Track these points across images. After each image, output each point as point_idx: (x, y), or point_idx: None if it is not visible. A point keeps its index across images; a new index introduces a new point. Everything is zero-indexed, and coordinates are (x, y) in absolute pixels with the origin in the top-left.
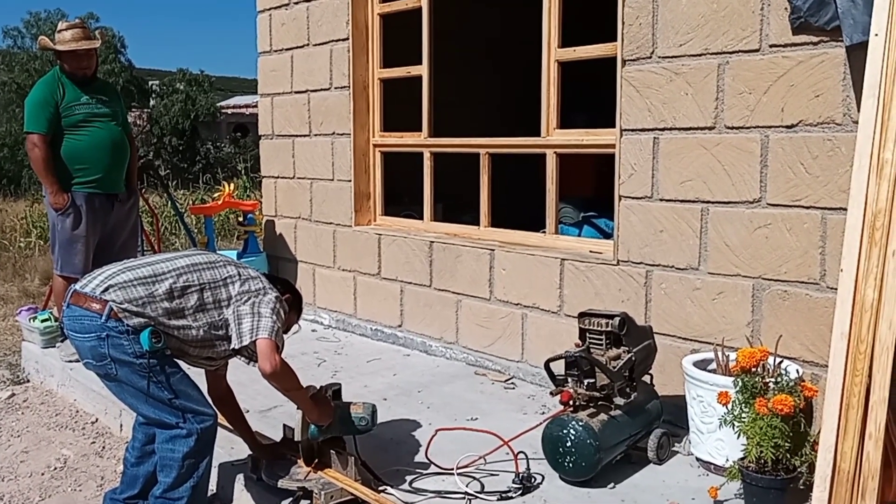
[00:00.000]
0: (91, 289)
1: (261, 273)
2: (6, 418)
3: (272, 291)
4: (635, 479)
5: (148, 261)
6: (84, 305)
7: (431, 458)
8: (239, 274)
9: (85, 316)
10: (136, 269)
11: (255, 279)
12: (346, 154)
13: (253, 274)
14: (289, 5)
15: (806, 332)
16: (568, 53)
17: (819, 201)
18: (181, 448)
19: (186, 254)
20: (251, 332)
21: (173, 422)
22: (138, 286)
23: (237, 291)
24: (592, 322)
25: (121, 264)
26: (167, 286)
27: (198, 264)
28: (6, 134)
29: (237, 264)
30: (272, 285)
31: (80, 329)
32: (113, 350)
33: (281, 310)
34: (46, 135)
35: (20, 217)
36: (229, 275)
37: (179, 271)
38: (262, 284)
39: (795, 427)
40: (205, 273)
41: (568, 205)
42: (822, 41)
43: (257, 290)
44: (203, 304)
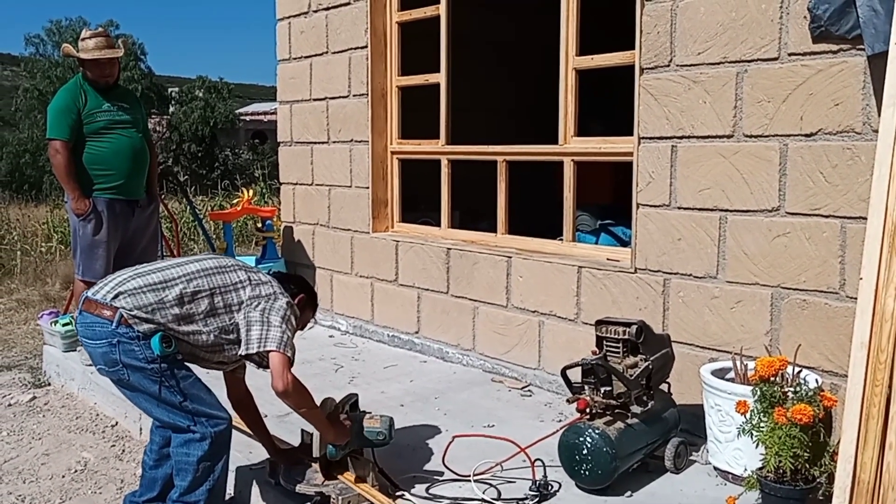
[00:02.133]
0: (102, 296)
1: (273, 274)
2: (27, 421)
3: (283, 297)
4: (652, 487)
5: (159, 266)
6: (95, 312)
7: (448, 464)
8: (249, 279)
9: (96, 322)
10: (147, 276)
11: (266, 284)
12: (364, 161)
13: (264, 279)
14: (308, 13)
15: (825, 341)
16: (586, 61)
17: (838, 210)
18: (196, 452)
19: (197, 258)
20: (259, 341)
21: (186, 425)
22: (148, 292)
23: (248, 296)
24: (610, 330)
25: (131, 270)
26: (177, 292)
27: (208, 269)
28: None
29: (248, 268)
30: (284, 288)
31: (93, 335)
32: (124, 356)
33: (292, 317)
34: (68, 141)
35: (42, 222)
36: (240, 279)
37: (189, 276)
38: (272, 289)
39: (814, 437)
40: (215, 278)
41: (585, 212)
42: (842, 50)
43: (268, 296)
44: (213, 308)
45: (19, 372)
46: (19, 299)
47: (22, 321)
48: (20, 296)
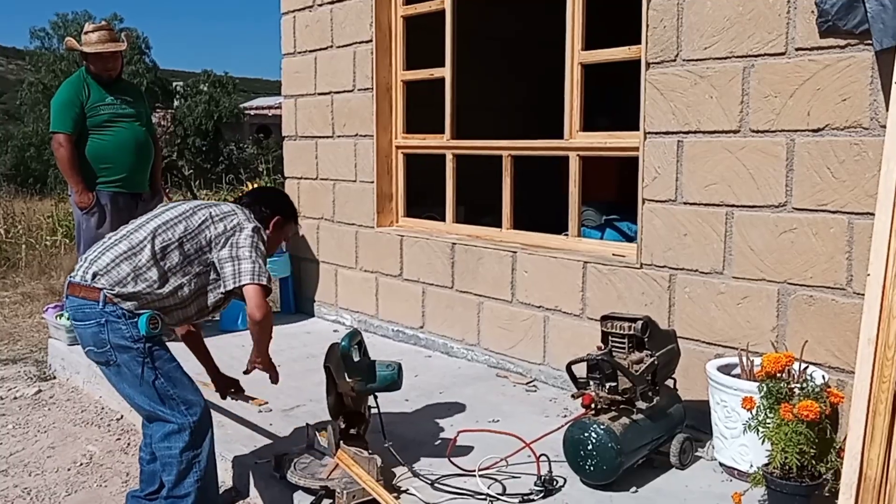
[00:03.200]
0: (81, 277)
1: (247, 195)
2: (33, 414)
3: (248, 225)
4: (657, 483)
5: (124, 233)
6: (80, 295)
7: (453, 459)
8: (212, 215)
9: (84, 305)
10: (115, 246)
11: (231, 215)
12: (368, 155)
13: (227, 210)
14: (313, 7)
15: (832, 337)
16: (591, 56)
17: (846, 206)
18: (177, 444)
19: (157, 213)
20: (233, 277)
21: (164, 414)
22: (122, 263)
23: (214, 234)
24: (615, 325)
25: (100, 245)
26: (148, 253)
27: (170, 220)
28: (32, 134)
29: (210, 205)
30: (253, 213)
31: (82, 317)
32: (112, 335)
33: (260, 243)
34: (72, 135)
35: (47, 216)
36: (203, 219)
37: (155, 233)
38: (237, 220)
39: (821, 433)
40: (178, 226)
41: (590, 208)
42: (850, 45)
43: (233, 228)
44: (186, 257)
45: (25, 365)
46: (24, 293)
47: (27, 314)
48: (25, 289)
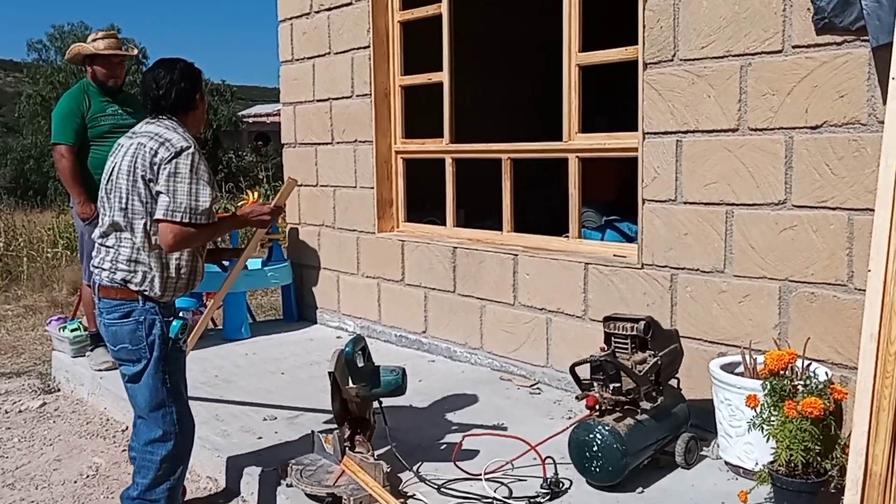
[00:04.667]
0: (109, 280)
1: (155, 115)
2: (38, 427)
3: (184, 157)
4: (663, 483)
5: (100, 224)
6: (119, 297)
7: (458, 463)
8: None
9: (123, 304)
10: (106, 238)
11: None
12: (368, 161)
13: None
14: (310, 14)
15: (834, 334)
16: (589, 57)
17: (845, 202)
18: (160, 451)
19: (105, 189)
20: (163, 210)
21: (157, 419)
22: (122, 248)
23: (162, 179)
24: (618, 326)
25: (91, 245)
26: (121, 221)
27: (116, 188)
28: (31, 146)
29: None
30: (165, 127)
31: (123, 314)
32: (149, 331)
33: (194, 170)
34: (73, 145)
35: (47, 228)
36: (132, 170)
37: (118, 206)
38: (168, 153)
39: (825, 430)
40: (121, 185)
41: (590, 209)
42: (846, 41)
43: (168, 162)
44: (144, 203)
45: (28, 378)
46: (27, 305)
47: (30, 327)
48: (27, 302)
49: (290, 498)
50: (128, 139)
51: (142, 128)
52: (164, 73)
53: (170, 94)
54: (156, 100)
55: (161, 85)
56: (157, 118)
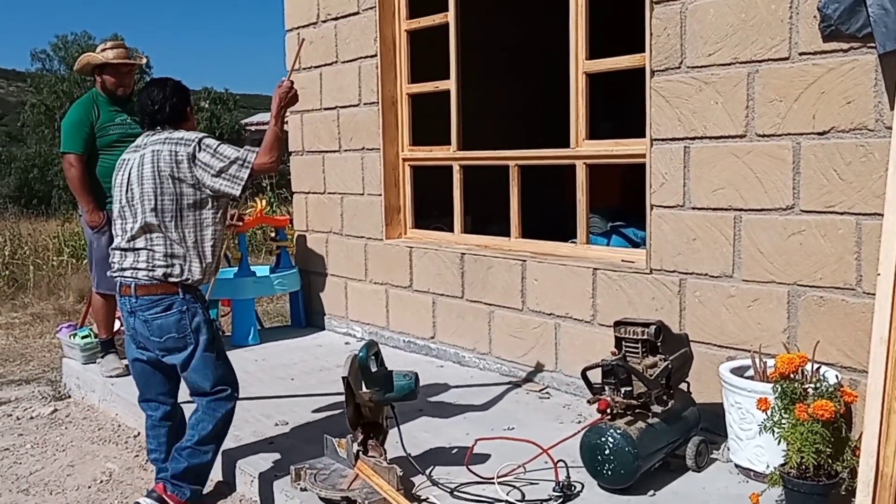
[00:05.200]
0: (148, 277)
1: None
2: (50, 433)
3: (203, 141)
4: (674, 486)
5: (127, 228)
6: (158, 292)
7: (471, 467)
8: (177, 175)
9: (164, 297)
10: (136, 239)
11: (183, 144)
12: (375, 168)
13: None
14: (317, 24)
15: (843, 337)
16: (596, 65)
17: (853, 207)
18: (222, 409)
19: (127, 200)
20: (235, 181)
21: (222, 386)
22: (157, 246)
23: (197, 174)
24: (628, 331)
25: (119, 251)
26: (153, 220)
27: (147, 194)
28: (35, 155)
29: (160, 168)
30: (178, 129)
31: (164, 307)
32: (192, 318)
33: (218, 143)
34: (82, 154)
35: (53, 236)
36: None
37: (146, 213)
38: (189, 150)
39: (836, 432)
40: (148, 188)
41: (596, 215)
42: (853, 48)
43: (197, 151)
44: (186, 207)
45: (38, 385)
46: (34, 313)
47: (37, 335)
48: (34, 310)
49: (304, 502)
50: (133, 153)
51: (145, 140)
52: (157, 91)
53: (164, 109)
54: (152, 115)
55: (155, 101)
56: (154, 130)
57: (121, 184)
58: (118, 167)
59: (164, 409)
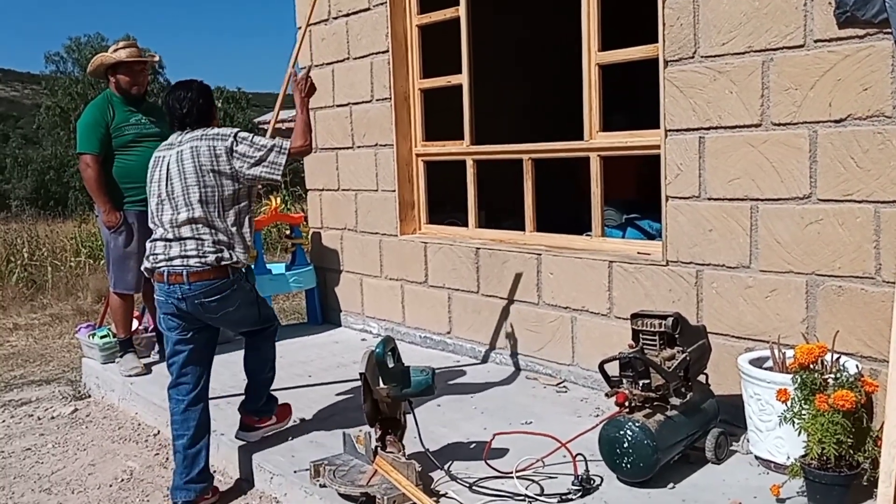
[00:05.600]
0: (200, 263)
1: (193, 126)
2: (71, 433)
3: (237, 135)
4: (694, 478)
5: (163, 224)
6: (211, 276)
7: (489, 462)
8: (217, 167)
9: (216, 281)
10: (177, 231)
11: (220, 139)
12: (389, 164)
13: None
14: (328, 21)
15: (863, 327)
16: (608, 56)
17: (871, 195)
18: (272, 343)
19: (167, 194)
20: (273, 165)
21: (269, 327)
22: (202, 237)
23: (236, 165)
24: (645, 323)
25: (162, 241)
26: (200, 212)
27: (192, 185)
28: (51, 157)
29: (201, 165)
30: (213, 125)
31: (218, 289)
32: (241, 293)
33: (252, 136)
34: (98, 155)
35: (70, 237)
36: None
37: (192, 206)
38: (226, 145)
39: (857, 423)
40: (193, 179)
41: (610, 207)
42: (869, 34)
43: (239, 145)
44: (237, 198)
45: (59, 385)
46: (52, 314)
47: (56, 335)
48: (53, 310)
49: (323, 498)
50: (168, 150)
51: (180, 138)
52: (183, 93)
53: (192, 111)
54: (181, 118)
55: (183, 105)
56: (184, 130)
57: (159, 179)
58: (153, 164)
59: (195, 392)
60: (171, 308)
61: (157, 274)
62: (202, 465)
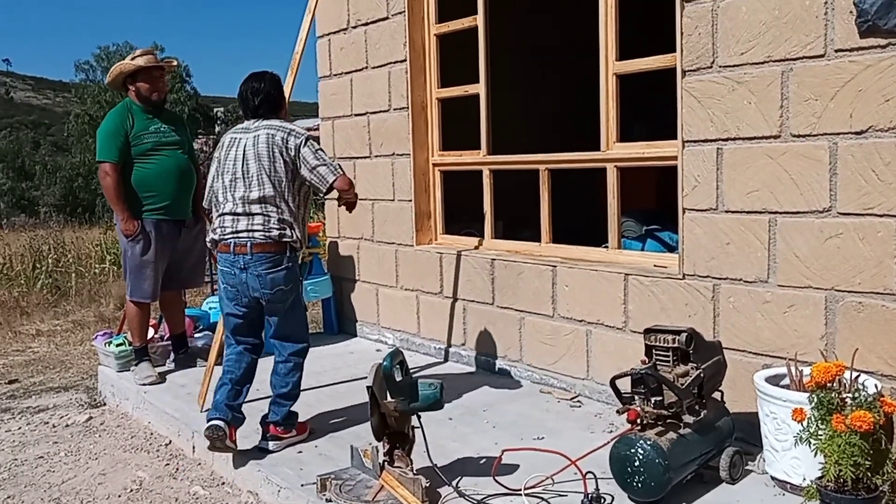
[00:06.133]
0: (264, 237)
1: (260, 115)
2: (84, 441)
3: (303, 139)
4: (707, 498)
5: (233, 200)
6: (274, 250)
7: (498, 478)
8: (285, 154)
9: (276, 254)
10: (247, 207)
11: (290, 136)
12: (406, 174)
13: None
14: (347, 30)
15: (883, 344)
16: (626, 66)
17: (893, 209)
18: (302, 359)
19: (242, 173)
20: (326, 179)
21: (306, 335)
22: (270, 214)
23: (298, 160)
24: (659, 338)
25: (231, 217)
26: (268, 190)
27: (256, 173)
28: (80, 164)
29: (262, 157)
30: (279, 119)
31: (276, 263)
32: (294, 275)
33: (316, 148)
34: (118, 163)
35: (95, 244)
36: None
37: (263, 185)
38: (295, 143)
39: (875, 444)
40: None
41: (630, 218)
42: (891, 44)
43: (301, 147)
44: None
45: (76, 392)
46: (75, 320)
47: (78, 342)
48: (76, 317)
49: None
50: (244, 133)
51: (256, 124)
52: (256, 85)
53: (266, 101)
54: (254, 107)
55: (257, 95)
56: (257, 118)
57: (234, 158)
58: (229, 144)
59: (253, 342)
60: (231, 278)
61: (223, 245)
62: (240, 402)
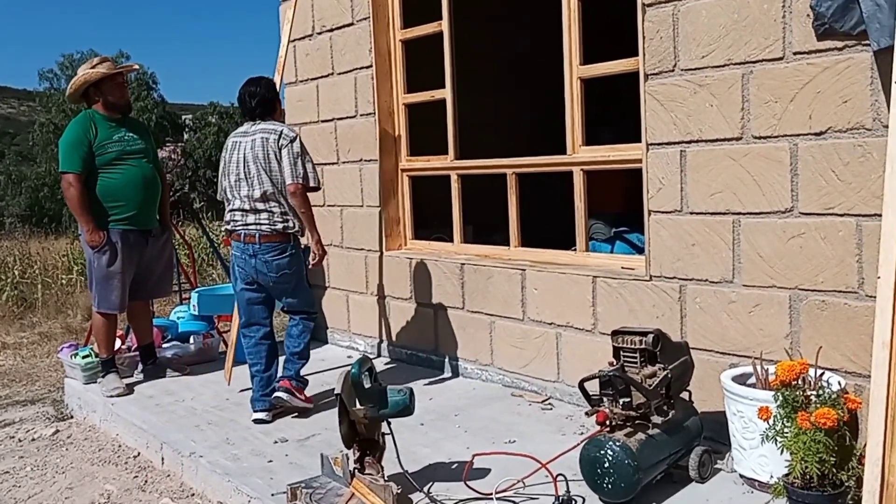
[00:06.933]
0: (270, 229)
1: (257, 115)
2: (51, 455)
3: (294, 141)
4: (677, 498)
5: (240, 197)
6: (278, 240)
7: (470, 483)
8: (276, 150)
9: (280, 244)
10: (254, 204)
11: (282, 139)
12: (374, 180)
13: (279, 138)
14: (312, 36)
15: (846, 342)
16: (590, 70)
17: (853, 208)
18: (312, 322)
19: (245, 174)
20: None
21: (312, 308)
22: (274, 206)
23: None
24: (626, 340)
25: (240, 211)
26: (266, 190)
27: (252, 174)
28: (45, 174)
29: (256, 156)
30: (274, 121)
31: (281, 250)
32: (297, 259)
33: (302, 152)
34: (81, 174)
35: (62, 254)
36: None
37: (264, 184)
38: (286, 142)
39: (840, 440)
40: (254, 167)
41: (599, 221)
42: (848, 46)
43: (287, 148)
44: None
45: (42, 405)
46: (41, 332)
47: (44, 354)
48: (42, 329)
49: None
50: (243, 137)
51: (252, 128)
52: (253, 89)
53: (262, 104)
54: (251, 110)
55: (253, 97)
56: (254, 121)
57: (237, 161)
58: (231, 147)
59: (264, 330)
60: (242, 262)
61: (235, 234)
62: (274, 385)
